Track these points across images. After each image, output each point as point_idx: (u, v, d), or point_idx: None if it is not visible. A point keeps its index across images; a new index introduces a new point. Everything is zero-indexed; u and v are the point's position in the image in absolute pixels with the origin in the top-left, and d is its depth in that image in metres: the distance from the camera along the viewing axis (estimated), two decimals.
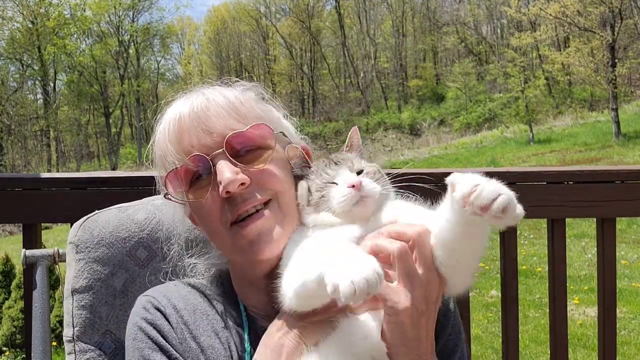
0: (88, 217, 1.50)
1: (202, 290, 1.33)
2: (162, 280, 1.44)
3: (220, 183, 1.16)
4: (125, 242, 1.46)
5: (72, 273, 1.45)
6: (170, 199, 1.25)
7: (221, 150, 1.18)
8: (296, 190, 1.29)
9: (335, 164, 1.26)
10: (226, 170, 1.16)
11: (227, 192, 1.17)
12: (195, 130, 1.20)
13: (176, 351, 1.22)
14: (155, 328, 1.23)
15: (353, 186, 1.18)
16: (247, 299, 1.34)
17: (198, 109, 1.22)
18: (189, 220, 1.38)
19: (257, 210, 1.20)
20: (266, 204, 1.21)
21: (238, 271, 1.33)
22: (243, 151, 1.21)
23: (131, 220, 1.48)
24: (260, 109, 1.30)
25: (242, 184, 1.18)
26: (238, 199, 1.18)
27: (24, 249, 1.69)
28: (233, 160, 1.18)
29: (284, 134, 1.31)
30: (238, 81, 1.38)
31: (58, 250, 1.68)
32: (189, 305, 1.28)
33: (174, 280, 1.43)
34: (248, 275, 1.29)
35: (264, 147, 1.24)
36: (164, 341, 1.22)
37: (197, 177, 1.22)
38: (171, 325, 1.24)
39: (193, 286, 1.34)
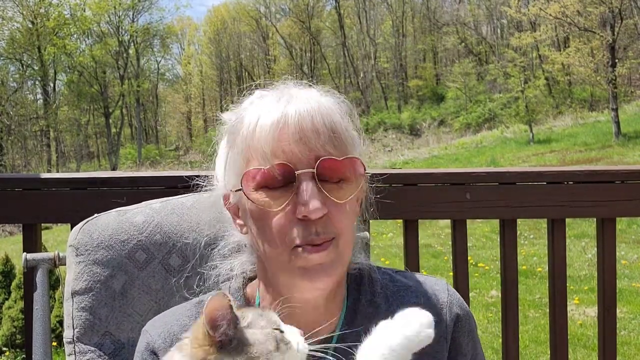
0: (87, 221, 1.51)
1: None
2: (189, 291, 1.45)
3: (304, 205, 1.10)
4: (124, 244, 1.47)
5: (72, 275, 1.47)
6: (246, 195, 1.16)
7: (312, 170, 1.12)
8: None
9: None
10: (314, 196, 1.10)
11: (305, 217, 1.11)
12: (293, 138, 1.12)
13: None
14: None
15: None
16: None
17: (303, 116, 1.14)
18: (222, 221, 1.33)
19: (322, 243, 1.14)
20: (330, 240, 1.15)
21: (273, 287, 1.25)
22: (328, 177, 1.14)
23: (130, 223, 1.49)
24: (350, 131, 1.21)
25: (322, 216, 1.12)
26: (312, 227, 1.12)
27: (25, 253, 1.70)
28: (318, 185, 1.12)
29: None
30: (329, 90, 1.29)
31: (58, 253, 1.69)
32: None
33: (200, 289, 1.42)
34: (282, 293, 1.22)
35: (349, 181, 1.17)
36: None
37: (271, 184, 1.15)
38: None
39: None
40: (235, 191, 1.20)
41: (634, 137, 27.42)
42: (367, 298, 1.29)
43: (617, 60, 30.39)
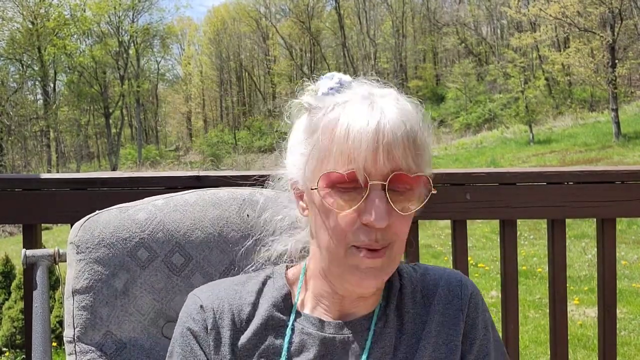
0: (89, 218, 1.50)
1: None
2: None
3: (370, 213, 1.15)
4: (126, 242, 1.46)
5: (72, 273, 1.46)
6: (320, 196, 1.20)
7: (384, 183, 1.15)
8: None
9: None
10: (382, 207, 1.15)
11: (370, 224, 1.16)
12: (373, 146, 1.14)
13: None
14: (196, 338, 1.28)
15: None
16: (307, 305, 1.33)
17: (392, 127, 1.16)
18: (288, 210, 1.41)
19: (379, 249, 1.20)
20: (386, 246, 1.21)
21: (324, 279, 1.31)
22: (396, 188, 1.17)
23: (132, 221, 1.48)
24: (427, 145, 1.25)
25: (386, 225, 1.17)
26: (373, 234, 1.17)
27: (24, 249, 1.69)
28: (389, 199, 1.16)
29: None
30: (410, 97, 1.31)
31: (58, 250, 1.68)
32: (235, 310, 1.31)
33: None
34: (334, 287, 1.30)
35: (416, 193, 1.20)
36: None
37: (343, 186, 1.18)
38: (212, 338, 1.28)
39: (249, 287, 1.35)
40: (311, 189, 1.23)
41: (634, 137, 27.42)
42: (397, 285, 1.35)
43: (617, 61, 30.39)
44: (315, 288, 1.32)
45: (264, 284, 1.34)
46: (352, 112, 1.19)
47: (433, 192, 1.22)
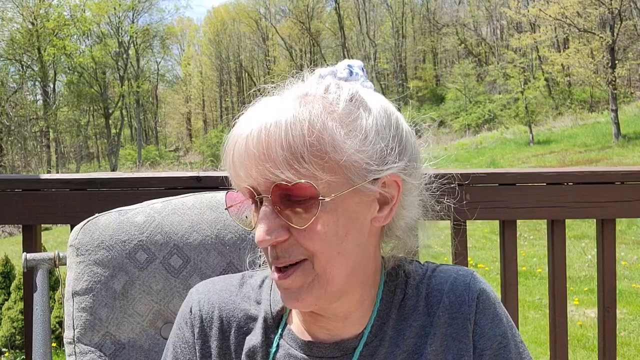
0: (88, 221, 1.50)
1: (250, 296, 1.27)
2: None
3: (255, 232, 1.07)
4: (125, 244, 1.47)
5: (72, 275, 1.46)
6: (230, 214, 1.18)
7: (268, 197, 1.05)
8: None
9: None
10: (262, 225, 1.05)
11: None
12: (252, 160, 1.05)
13: None
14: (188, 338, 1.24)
15: None
16: (295, 320, 1.24)
17: (260, 138, 1.04)
18: None
19: (287, 266, 1.08)
20: (300, 261, 1.08)
21: None
22: (290, 199, 1.05)
23: (131, 224, 1.49)
24: (324, 146, 1.05)
25: (276, 242, 1.06)
26: (273, 250, 1.08)
27: (25, 253, 1.69)
28: (277, 209, 1.05)
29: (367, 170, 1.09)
30: (337, 85, 1.14)
31: (58, 253, 1.68)
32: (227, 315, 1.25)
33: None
34: None
35: (315, 198, 1.05)
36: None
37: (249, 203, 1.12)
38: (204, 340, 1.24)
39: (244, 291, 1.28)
40: (225, 209, 1.20)
41: (634, 138, 27.43)
42: (400, 294, 1.22)
43: (616, 62, 30.42)
44: None
45: (260, 287, 1.27)
46: (238, 124, 1.11)
47: (324, 199, 1.05)
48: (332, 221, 1.07)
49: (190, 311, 1.24)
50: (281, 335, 1.21)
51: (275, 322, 1.22)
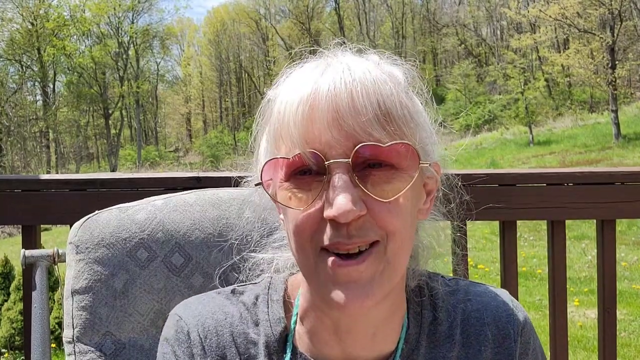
0: (88, 218, 1.49)
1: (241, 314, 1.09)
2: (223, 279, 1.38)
3: (331, 204, 0.87)
4: (125, 242, 1.45)
5: (72, 274, 1.45)
6: (265, 190, 0.98)
7: (346, 161, 0.87)
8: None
9: None
10: (343, 193, 0.86)
11: (334, 219, 0.88)
12: (325, 119, 0.88)
13: None
14: None
15: None
16: (304, 339, 1.05)
17: (340, 90, 0.89)
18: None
19: (360, 252, 0.89)
20: (372, 244, 0.90)
21: (311, 299, 1.03)
22: (371, 165, 0.89)
23: (132, 221, 1.47)
24: (410, 109, 0.94)
25: (357, 217, 0.87)
26: (343, 229, 0.88)
27: (23, 249, 1.69)
28: (355, 178, 0.88)
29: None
30: (383, 52, 1.03)
31: (57, 250, 1.67)
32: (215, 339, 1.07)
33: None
34: (322, 313, 1.01)
35: (400, 170, 0.91)
36: None
37: (300, 172, 0.92)
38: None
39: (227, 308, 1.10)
40: (255, 185, 1.02)
41: (634, 138, 27.44)
42: (429, 316, 1.08)
43: (617, 62, 30.44)
44: (308, 320, 1.04)
45: (255, 305, 1.09)
46: (295, 82, 0.95)
47: (425, 164, 0.94)
48: (410, 197, 0.94)
49: (189, 337, 1.06)
50: (295, 350, 1.04)
51: (280, 346, 1.04)
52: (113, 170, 49.12)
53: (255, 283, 1.14)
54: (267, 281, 1.12)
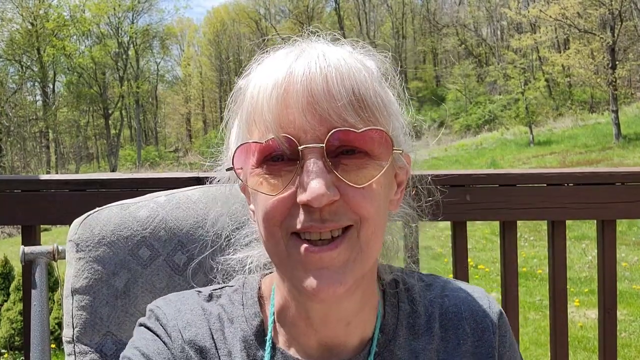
0: (89, 215, 1.46)
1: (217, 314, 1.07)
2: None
3: (304, 189, 0.86)
4: (127, 240, 1.42)
5: (72, 272, 1.43)
6: (237, 175, 0.97)
7: (320, 146, 0.87)
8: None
9: None
10: (317, 178, 0.85)
11: (306, 204, 0.87)
12: (300, 103, 0.87)
13: None
14: None
15: None
16: (281, 332, 1.05)
17: (315, 75, 0.88)
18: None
19: (332, 238, 0.89)
20: (345, 229, 0.90)
21: (285, 289, 1.03)
22: (344, 151, 0.90)
23: (133, 218, 1.44)
24: (383, 98, 0.94)
25: (331, 202, 0.87)
26: (316, 213, 0.87)
27: (23, 246, 1.68)
28: (329, 164, 0.87)
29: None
30: (357, 40, 1.03)
31: (57, 246, 1.66)
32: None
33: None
34: (297, 303, 1.01)
35: (373, 157, 0.91)
36: None
37: (273, 157, 0.91)
38: None
39: (205, 307, 1.09)
40: (227, 170, 1.01)
41: (634, 139, 27.44)
42: (407, 308, 1.08)
43: (617, 62, 30.43)
44: (284, 313, 1.04)
45: (232, 304, 1.08)
46: (268, 66, 0.95)
47: (398, 151, 0.94)
48: (383, 184, 0.94)
49: (168, 325, 1.04)
50: (272, 357, 1.02)
51: (258, 339, 1.03)
52: (113, 170, 49.11)
53: (231, 285, 1.12)
54: (241, 281, 1.12)
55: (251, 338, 1.03)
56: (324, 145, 0.87)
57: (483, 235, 12.49)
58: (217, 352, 1.02)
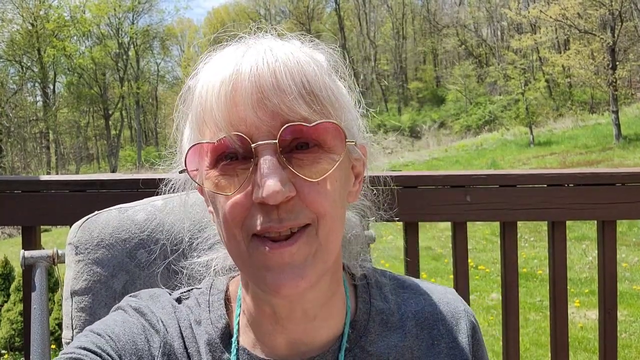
0: (88, 218, 1.48)
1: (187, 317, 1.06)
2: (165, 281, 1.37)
3: (259, 187, 0.85)
4: (125, 243, 1.44)
5: (71, 274, 1.44)
6: (190, 177, 0.95)
7: (273, 142, 0.86)
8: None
9: None
10: (272, 175, 0.85)
11: (262, 201, 0.86)
12: (249, 100, 0.86)
13: None
14: None
15: None
16: (248, 334, 1.04)
17: (262, 71, 0.88)
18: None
19: (292, 234, 0.89)
20: (304, 226, 0.90)
21: (250, 290, 1.02)
22: (298, 146, 0.89)
23: (131, 221, 1.46)
24: (334, 91, 0.93)
25: (287, 197, 0.86)
26: (274, 213, 0.87)
27: (23, 250, 1.68)
28: (283, 160, 0.87)
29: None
30: (305, 34, 1.01)
31: (57, 250, 1.66)
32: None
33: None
34: (261, 301, 1.00)
35: (327, 150, 0.90)
36: None
37: (226, 157, 0.90)
38: None
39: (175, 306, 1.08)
40: (180, 172, 0.99)
41: (635, 139, 27.43)
42: (379, 305, 1.08)
43: (617, 63, 30.44)
44: (250, 313, 1.03)
45: (199, 305, 1.08)
46: (215, 65, 0.93)
47: (351, 143, 0.94)
48: (338, 178, 0.93)
49: (143, 312, 1.05)
50: (237, 357, 1.01)
51: (224, 342, 1.03)
52: (113, 171, 49.14)
53: (199, 288, 1.12)
54: (208, 284, 1.12)
55: (216, 341, 1.02)
56: (277, 141, 0.86)
57: (483, 236, 12.49)
58: (186, 351, 1.02)
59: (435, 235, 12.79)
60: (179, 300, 1.10)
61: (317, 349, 1.01)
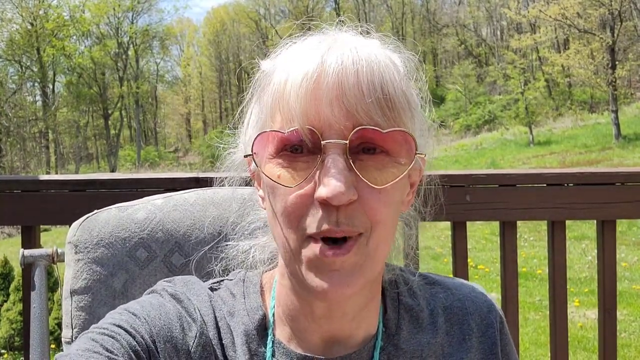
0: (87, 217, 1.48)
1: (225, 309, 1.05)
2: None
3: (324, 186, 0.84)
4: (125, 242, 1.44)
5: (71, 273, 1.44)
6: (255, 163, 0.94)
7: (344, 142, 0.85)
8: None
9: None
10: (338, 175, 0.83)
11: (324, 201, 0.85)
12: (329, 96, 0.85)
13: None
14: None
15: None
16: (282, 327, 1.02)
17: (347, 68, 0.86)
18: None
19: (345, 240, 0.87)
20: (356, 236, 0.88)
21: (288, 285, 1.01)
22: (364, 149, 0.88)
23: (131, 220, 1.46)
24: (409, 98, 0.92)
25: (349, 201, 0.85)
26: (333, 215, 0.85)
27: (22, 249, 1.68)
28: (351, 162, 0.85)
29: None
30: (389, 36, 1.01)
31: (57, 249, 1.66)
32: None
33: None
34: (301, 299, 0.99)
35: (394, 158, 0.89)
36: None
37: (290, 148, 0.89)
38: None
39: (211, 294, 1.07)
40: (245, 156, 0.98)
41: (634, 139, 27.45)
42: (408, 302, 1.08)
43: (617, 62, 30.45)
44: (286, 305, 1.01)
45: (234, 297, 1.06)
46: (298, 55, 0.91)
47: (421, 156, 0.92)
48: (399, 187, 0.91)
49: (192, 318, 1.01)
50: (273, 353, 1.00)
51: (259, 334, 1.01)
52: (112, 170, 49.13)
53: (230, 279, 1.11)
54: (241, 275, 1.11)
55: (253, 332, 1.01)
56: (347, 142, 0.85)
57: (483, 236, 12.50)
58: (221, 342, 1.00)
59: (435, 235, 12.79)
60: (212, 289, 1.08)
61: (353, 346, 1.00)
